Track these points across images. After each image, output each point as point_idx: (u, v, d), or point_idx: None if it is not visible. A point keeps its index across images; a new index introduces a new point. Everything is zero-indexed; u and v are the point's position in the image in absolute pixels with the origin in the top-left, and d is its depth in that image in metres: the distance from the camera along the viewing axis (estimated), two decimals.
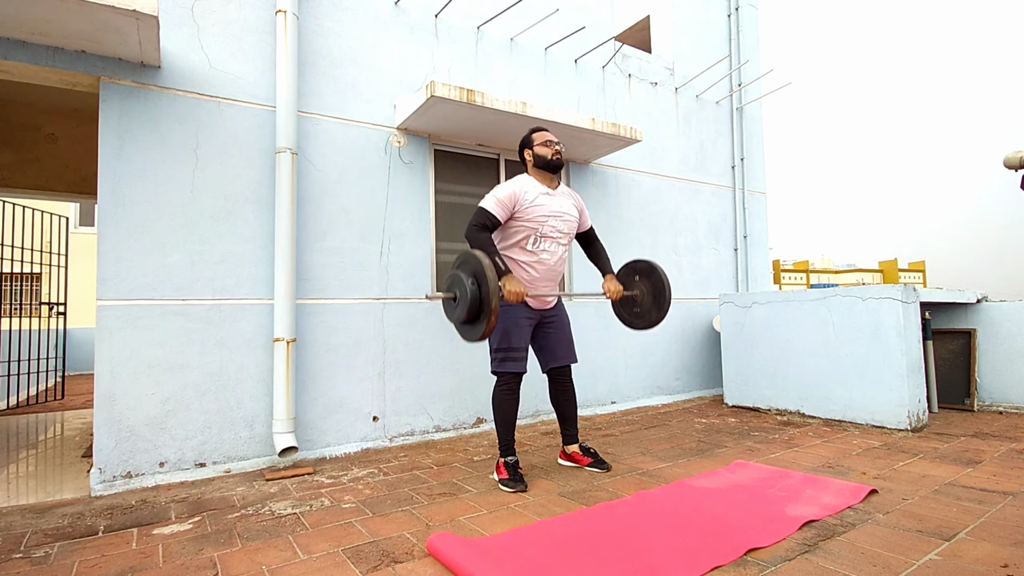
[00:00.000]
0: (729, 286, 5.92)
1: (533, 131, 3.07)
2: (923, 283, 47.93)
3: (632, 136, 4.38)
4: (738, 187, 6.06)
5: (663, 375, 5.23)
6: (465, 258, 2.55)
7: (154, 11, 2.58)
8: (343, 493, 2.72)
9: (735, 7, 6.27)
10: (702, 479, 2.77)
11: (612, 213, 5.01)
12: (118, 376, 2.91)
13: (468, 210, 4.30)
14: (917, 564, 1.80)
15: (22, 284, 11.78)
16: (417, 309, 3.90)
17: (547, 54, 4.73)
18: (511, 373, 2.85)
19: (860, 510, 2.30)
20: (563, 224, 2.96)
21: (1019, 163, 3.34)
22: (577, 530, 2.14)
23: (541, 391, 4.38)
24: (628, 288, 3.18)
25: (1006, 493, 2.46)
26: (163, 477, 2.96)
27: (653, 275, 3.09)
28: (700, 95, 5.86)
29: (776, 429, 3.98)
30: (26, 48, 2.78)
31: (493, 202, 2.80)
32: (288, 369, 3.22)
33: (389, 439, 3.70)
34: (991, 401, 4.50)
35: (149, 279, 3.02)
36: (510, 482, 2.73)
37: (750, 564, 1.84)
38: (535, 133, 3.05)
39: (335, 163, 3.64)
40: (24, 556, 2.04)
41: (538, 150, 2.97)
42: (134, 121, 3.03)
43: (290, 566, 1.91)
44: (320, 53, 3.63)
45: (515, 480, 2.73)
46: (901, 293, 3.80)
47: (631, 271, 3.22)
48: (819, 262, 55.55)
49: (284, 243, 3.26)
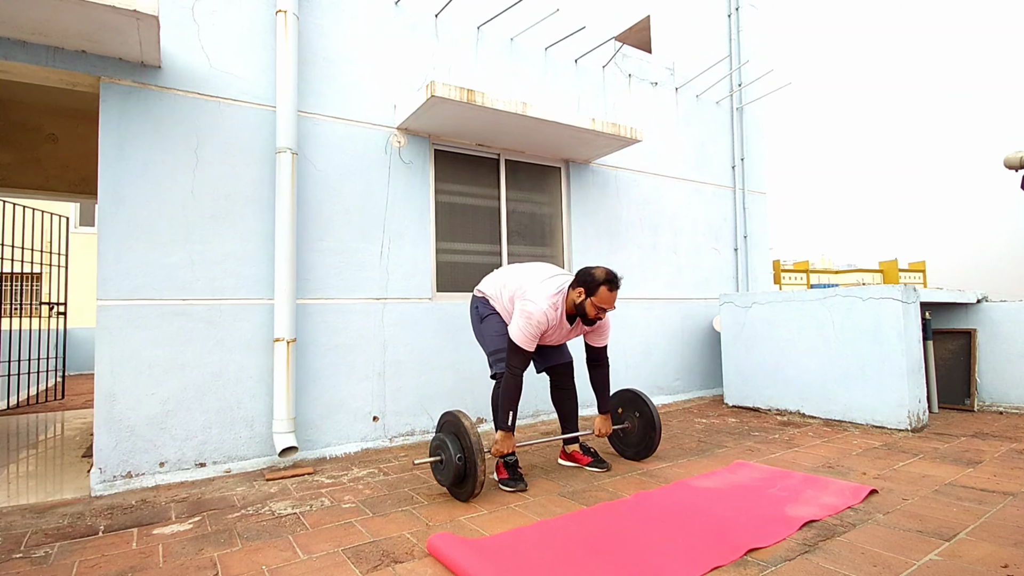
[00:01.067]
0: (729, 286, 5.92)
1: (603, 283, 2.70)
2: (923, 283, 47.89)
3: (632, 136, 4.38)
4: (738, 187, 6.06)
5: (663, 375, 5.23)
6: (447, 419, 2.67)
7: (154, 11, 2.58)
8: (343, 493, 2.72)
9: (735, 7, 6.27)
10: (702, 479, 2.77)
11: (612, 213, 5.01)
12: (118, 376, 2.91)
13: (468, 210, 4.30)
14: (917, 564, 1.80)
15: (22, 284, 11.78)
16: (417, 309, 3.90)
17: (547, 54, 4.73)
18: None
19: (860, 510, 2.30)
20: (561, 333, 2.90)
21: (1019, 163, 3.34)
22: (577, 530, 2.14)
23: (542, 391, 4.38)
24: (617, 421, 3.30)
25: (1006, 493, 2.46)
26: (163, 477, 2.96)
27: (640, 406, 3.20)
28: (700, 95, 5.86)
29: (776, 429, 3.97)
30: (26, 48, 2.78)
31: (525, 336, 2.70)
32: (288, 369, 3.22)
33: (389, 439, 3.70)
34: (991, 401, 4.49)
35: (149, 279, 3.02)
36: (510, 481, 2.74)
37: (750, 564, 1.84)
38: (602, 286, 2.69)
39: (335, 163, 3.64)
40: (24, 556, 2.04)
41: (590, 305, 2.72)
42: (134, 121, 3.03)
43: (290, 566, 1.91)
44: (320, 53, 3.63)
45: (515, 479, 2.74)
46: (901, 293, 3.79)
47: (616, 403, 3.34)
48: (819, 262, 55.55)
49: (284, 243, 3.26)
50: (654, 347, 5.17)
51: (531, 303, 2.73)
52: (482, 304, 3.09)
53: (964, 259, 11.46)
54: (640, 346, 5.07)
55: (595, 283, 2.70)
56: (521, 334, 2.70)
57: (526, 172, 4.63)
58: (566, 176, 4.81)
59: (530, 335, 2.71)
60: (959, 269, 11.44)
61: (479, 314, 3.08)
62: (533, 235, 4.65)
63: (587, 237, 4.83)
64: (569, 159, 4.80)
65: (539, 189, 4.71)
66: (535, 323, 2.70)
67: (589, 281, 2.72)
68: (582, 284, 2.74)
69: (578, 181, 4.83)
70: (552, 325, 2.78)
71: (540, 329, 2.72)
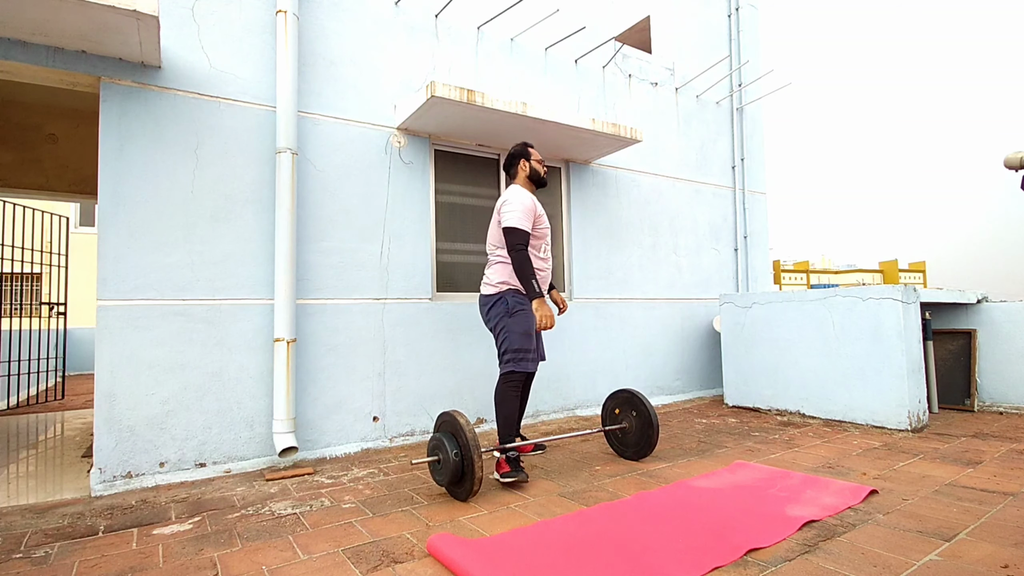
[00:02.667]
0: (729, 286, 5.92)
1: (528, 145, 3.27)
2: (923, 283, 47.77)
3: (632, 136, 4.38)
4: (738, 187, 6.06)
5: (663, 375, 5.23)
6: (445, 419, 2.68)
7: (154, 11, 2.58)
8: (343, 493, 2.72)
9: (735, 7, 6.28)
10: (702, 479, 2.77)
11: (612, 213, 5.01)
12: (118, 376, 2.91)
13: (468, 210, 4.30)
14: (917, 564, 1.80)
15: (22, 284, 11.78)
16: (417, 309, 3.90)
17: (547, 54, 4.73)
18: (526, 372, 2.99)
19: (860, 510, 2.30)
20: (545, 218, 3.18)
21: (1019, 163, 3.34)
22: (577, 530, 2.14)
23: (542, 391, 4.39)
24: (614, 421, 3.31)
25: (1006, 494, 2.46)
26: (163, 477, 2.96)
27: (637, 405, 3.21)
28: (700, 95, 5.86)
29: (776, 429, 3.97)
30: (26, 48, 2.78)
31: (523, 218, 2.97)
32: (288, 369, 3.22)
33: (389, 439, 3.70)
34: (991, 401, 4.49)
35: (149, 279, 3.02)
36: (512, 474, 2.77)
37: (750, 564, 1.84)
38: (531, 148, 3.26)
39: (335, 163, 3.64)
40: (24, 556, 2.04)
41: (535, 165, 3.21)
42: (134, 121, 3.03)
43: (290, 566, 1.91)
44: (320, 53, 3.63)
45: (517, 470, 2.79)
46: (901, 293, 3.80)
47: (613, 404, 3.36)
48: (819, 262, 55.53)
49: (284, 243, 3.26)
50: (654, 347, 5.17)
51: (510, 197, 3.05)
52: (512, 297, 3.04)
53: (964, 259, 11.44)
54: (640, 346, 5.07)
55: (525, 151, 3.23)
56: (516, 214, 2.97)
57: None
58: (566, 176, 4.81)
59: (527, 209, 2.99)
60: (959, 269, 11.42)
61: (508, 308, 3.02)
62: None
63: (587, 237, 4.83)
64: (569, 159, 4.80)
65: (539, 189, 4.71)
66: (524, 207, 2.99)
67: (521, 153, 3.23)
68: (516, 160, 3.23)
69: (578, 181, 4.83)
70: (540, 210, 3.11)
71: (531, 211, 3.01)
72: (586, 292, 4.77)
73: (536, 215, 3.06)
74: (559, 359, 4.53)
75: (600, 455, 3.35)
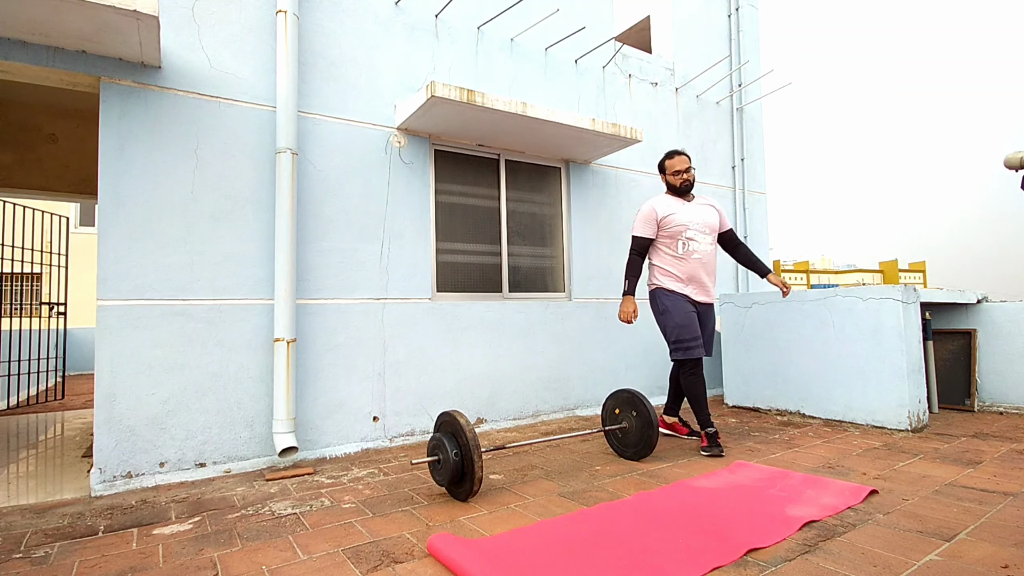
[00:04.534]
0: (729, 286, 5.92)
1: (667, 157, 3.50)
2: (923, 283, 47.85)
3: (632, 136, 4.38)
4: (738, 187, 6.06)
5: (664, 375, 5.22)
6: (444, 419, 2.69)
7: (154, 11, 2.58)
8: (343, 493, 2.72)
9: (735, 7, 6.27)
10: (702, 479, 2.77)
11: (612, 213, 5.01)
12: (118, 376, 2.91)
13: (468, 210, 4.30)
14: (917, 564, 1.80)
15: (22, 284, 11.78)
16: (417, 309, 3.90)
17: (547, 54, 4.73)
18: (693, 360, 3.33)
19: (860, 510, 2.30)
20: (703, 225, 3.43)
21: (1019, 163, 3.34)
22: (577, 530, 2.14)
23: (543, 391, 4.39)
24: (614, 421, 3.34)
25: (1006, 494, 2.46)
26: (163, 477, 2.96)
27: (637, 405, 3.21)
28: (700, 95, 5.86)
29: (776, 429, 3.97)
30: (26, 48, 2.78)
31: (639, 225, 3.45)
32: (288, 369, 3.22)
33: (389, 439, 3.70)
34: (991, 401, 4.49)
35: (149, 279, 3.02)
36: (709, 448, 3.24)
37: (750, 564, 1.84)
38: (668, 160, 3.49)
39: (335, 163, 3.64)
40: (24, 556, 2.04)
41: (669, 179, 3.48)
42: (134, 121, 3.03)
43: (290, 566, 1.91)
44: (320, 53, 3.63)
45: (713, 445, 3.24)
46: (901, 293, 3.79)
47: (613, 404, 3.38)
48: (819, 262, 55.53)
49: (284, 243, 3.26)
50: (654, 347, 5.17)
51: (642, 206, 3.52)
52: (660, 295, 3.47)
53: (964, 259, 11.46)
54: (640, 346, 5.07)
55: (661, 164, 3.54)
56: (635, 223, 3.49)
57: (526, 172, 4.64)
58: (566, 176, 4.81)
59: (644, 217, 3.44)
60: (959, 269, 11.43)
61: (659, 308, 3.48)
62: (533, 235, 4.65)
63: (587, 237, 4.83)
64: (569, 159, 4.80)
65: (539, 189, 4.71)
66: (643, 215, 3.45)
67: (660, 165, 3.55)
68: (660, 171, 3.56)
69: (578, 181, 4.83)
70: (667, 212, 3.40)
71: (651, 217, 3.41)
72: (586, 292, 4.78)
73: (659, 219, 3.40)
74: (559, 359, 4.53)
75: (600, 455, 3.35)
